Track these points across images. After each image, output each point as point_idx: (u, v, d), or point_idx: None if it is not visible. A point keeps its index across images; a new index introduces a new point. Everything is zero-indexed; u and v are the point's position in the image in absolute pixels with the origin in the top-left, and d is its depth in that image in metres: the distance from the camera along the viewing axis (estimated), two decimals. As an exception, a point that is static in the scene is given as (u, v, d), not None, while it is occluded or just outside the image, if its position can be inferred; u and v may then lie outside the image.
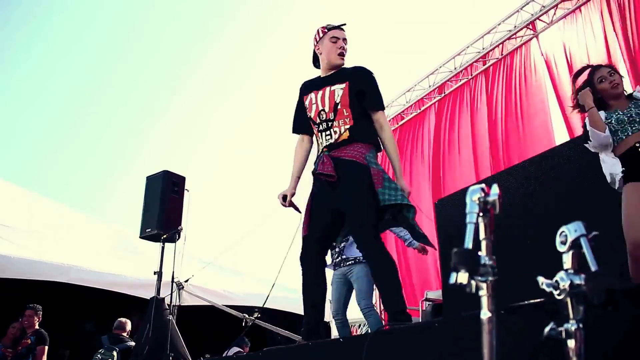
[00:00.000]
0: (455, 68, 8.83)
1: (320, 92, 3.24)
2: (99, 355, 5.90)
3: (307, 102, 3.32)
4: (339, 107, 3.13)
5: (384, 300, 2.94)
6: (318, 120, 3.21)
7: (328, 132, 3.16)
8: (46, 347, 5.81)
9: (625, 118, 3.14)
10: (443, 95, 9.13)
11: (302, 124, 3.41)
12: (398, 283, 2.91)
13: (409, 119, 9.84)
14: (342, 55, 3.27)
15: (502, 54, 8.18)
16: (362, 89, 3.17)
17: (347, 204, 2.99)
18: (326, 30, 3.33)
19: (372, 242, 2.91)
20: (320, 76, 3.37)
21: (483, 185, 1.11)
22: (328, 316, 8.49)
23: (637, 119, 3.09)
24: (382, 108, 3.23)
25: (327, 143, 3.16)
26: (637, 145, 3.02)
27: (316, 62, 3.44)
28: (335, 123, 3.14)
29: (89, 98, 23.84)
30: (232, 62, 26.64)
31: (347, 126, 3.11)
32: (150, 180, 5.73)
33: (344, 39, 3.30)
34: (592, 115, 3.19)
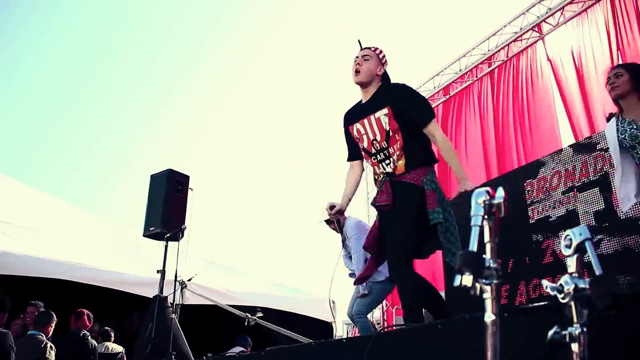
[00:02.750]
0: (460, 70, 8.83)
1: (366, 122, 3.26)
2: None
3: (354, 133, 3.35)
4: (390, 134, 3.16)
5: (405, 317, 3.02)
6: (373, 151, 3.26)
7: (388, 161, 3.21)
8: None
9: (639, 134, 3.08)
10: (448, 96, 9.12)
11: (355, 152, 3.50)
12: (418, 304, 3.03)
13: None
14: (356, 72, 3.30)
15: (507, 56, 8.17)
16: (404, 107, 3.18)
17: (391, 223, 3.10)
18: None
19: (398, 265, 3.01)
20: (360, 102, 3.39)
21: (488, 187, 1.11)
22: (330, 317, 8.51)
23: None
24: (429, 118, 3.20)
25: (388, 171, 3.22)
26: None
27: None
28: (391, 150, 3.18)
29: (92, 96, 23.91)
30: (237, 59, 26.70)
31: (401, 157, 3.15)
32: (155, 178, 5.73)
33: (362, 56, 3.32)
34: None
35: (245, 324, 6.37)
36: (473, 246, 1.04)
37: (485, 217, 1.09)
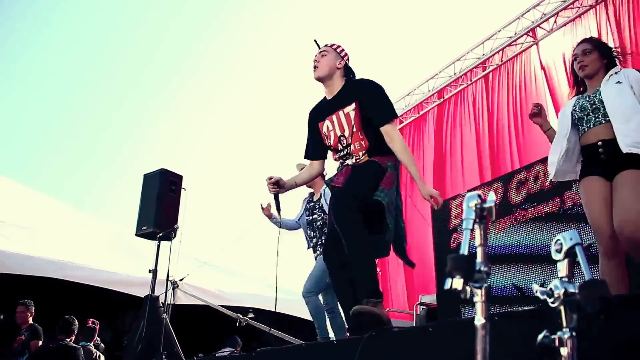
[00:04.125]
0: (455, 73, 8.84)
1: (335, 117, 3.19)
2: None
3: (324, 130, 3.26)
4: (354, 129, 3.09)
5: (356, 282, 2.86)
6: (340, 147, 3.18)
7: (349, 158, 3.13)
8: (40, 342, 5.79)
9: (588, 105, 2.94)
10: (442, 100, 9.14)
11: (315, 151, 3.39)
12: (371, 267, 2.87)
13: (407, 123, 9.86)
14: (314, 67, 3.26)
15: (502, 61, 8.20)
16: (368, 104, 3.11)
17: (346, 185, 2.99)
18: None
19: (351, 227, 2.84)
20: (325, 98, 3.32)
21: (480, 192, 1.12)
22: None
23: (602, 107, 2.87)
24: (388, 120, 3.09)
25: (349, 163, 3.13)
26: (599, 144, 2.84)
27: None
28: (352, 147, 3.10)
29: (87, 96, 23.81)
30: (231, 61, 26.63)
31: (364, 150, 3.08)
32: (148, 178, 5.72)
33: (319, 53, 3.29)
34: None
35: (237, 324, 6.36)
36: (464, 249, 1.05)
37: (477, 220, 1.10)
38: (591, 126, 2.90)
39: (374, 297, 2.72)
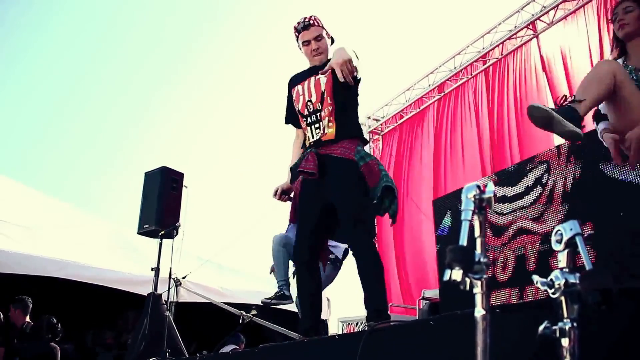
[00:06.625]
0: (455, 67, 8.83)
1: (307, 83, 3.21)
2: None
3: (294, 94, 3.28)
4: (324, 95, 3.07)
5: (367, 298, 2.89)
6: (306, 112, 3.18)
7: (317, 126, 3.12)
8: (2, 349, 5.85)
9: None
10: (443, 94, 9.13)
11: (294, 115, 3.36)
12: (383, 284, 2.94)
13: (408, 118, 9.85)
14: (317, 55, 3.24)
15: (502, 54, 8.18)
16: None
17: (338, 200, 2.98)
18: (297, 33, 3.30)
19: (362, 239, 2.94)
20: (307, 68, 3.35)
21: (479, 182, 1.11)
22: (325, 314, 8.50)
23: None
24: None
25: (315, 138, 3.12)
26: None
27: None
28: (322, 113, 3.09)
29: (87, 93, 23.83)
30: (231, 57, 26.65)
31: (331, 123, 3.06)
32: (149, 176, 5.71)
33: (316, 37, 3.23)
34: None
35: (240, 321, 6.36)
36: (463, 241, 1.05)
37: (476, 211, 1.09)
38: None
39: (381, 318, 2.72)
